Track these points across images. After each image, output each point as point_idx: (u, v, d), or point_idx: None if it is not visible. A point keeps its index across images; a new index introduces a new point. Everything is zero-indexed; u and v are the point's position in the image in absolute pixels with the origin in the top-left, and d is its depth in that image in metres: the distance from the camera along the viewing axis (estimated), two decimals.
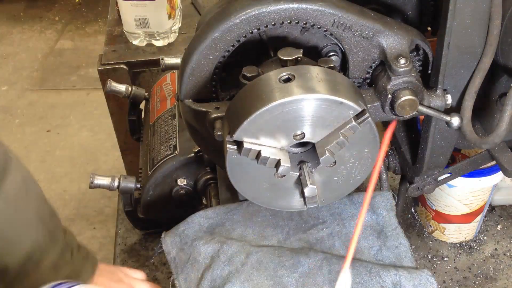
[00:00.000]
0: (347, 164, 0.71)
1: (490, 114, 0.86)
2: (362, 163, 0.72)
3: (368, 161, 0.72)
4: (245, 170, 0.69)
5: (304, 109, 0.64)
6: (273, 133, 0.65)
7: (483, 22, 0.72)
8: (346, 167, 0.71)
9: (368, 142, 0.69)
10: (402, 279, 0.79)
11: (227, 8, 0.73)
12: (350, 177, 0.73)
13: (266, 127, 0.64)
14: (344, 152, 0.69)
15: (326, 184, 0.73)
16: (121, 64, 1.46)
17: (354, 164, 0.71)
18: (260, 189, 0.72)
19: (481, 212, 1.10)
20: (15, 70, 3.24)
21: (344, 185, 0.75)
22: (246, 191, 0.73)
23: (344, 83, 0.67)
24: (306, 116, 0.64)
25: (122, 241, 1.15)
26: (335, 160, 0.69)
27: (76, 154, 2.64)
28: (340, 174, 0.72)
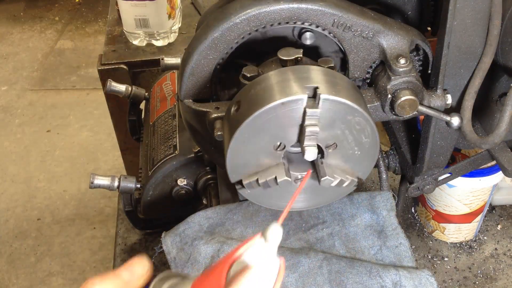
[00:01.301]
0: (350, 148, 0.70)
1: (490, 114, 0.86)
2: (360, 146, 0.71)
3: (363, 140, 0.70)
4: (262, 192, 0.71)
5: (271, 120, 0.64)
6: (260, 154, 0.66)
7: (483, 22, 0.72)
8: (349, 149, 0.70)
9: (344, 117, 0.65)
10: (402, 279, 0.79)
11: (227, 8, 0.73)
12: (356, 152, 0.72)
13: (248, 153, 0.66)
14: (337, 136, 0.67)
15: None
16: (121, 64, 1.46)
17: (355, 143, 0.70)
18: (277, 197, 0.73)
19: (481, 212, 1.10)
20: (15, 70, 3.25)
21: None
22: (273, 204, 0.75)
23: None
24: (277, 126, 0.64)
25: (122, 241, 1.15)
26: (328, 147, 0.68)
27: (76, 154, 2.65)
28: None
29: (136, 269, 0.49)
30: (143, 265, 0.50)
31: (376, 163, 0.92)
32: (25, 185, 2.48)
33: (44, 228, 2.31)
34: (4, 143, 2.74)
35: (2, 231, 2.31)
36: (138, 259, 0.50)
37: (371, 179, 1.24)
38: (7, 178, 2.54)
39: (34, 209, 2.39)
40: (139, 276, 0.49)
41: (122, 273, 0.49)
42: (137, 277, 0.49)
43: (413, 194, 0.94)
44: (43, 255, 2.21)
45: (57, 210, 2.38)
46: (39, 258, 2.20)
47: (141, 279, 0.49)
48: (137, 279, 0.49)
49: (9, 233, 2.30)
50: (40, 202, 2.41)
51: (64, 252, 2.21)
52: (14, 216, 2.37)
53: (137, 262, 0.50)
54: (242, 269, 0.44)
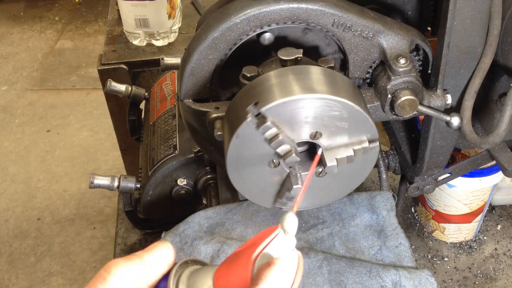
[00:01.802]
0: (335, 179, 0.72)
1: (490, 114, 0.86)
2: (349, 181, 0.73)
3: (353, 181, 0.74)
4: (245, 153, 0.68)
5: (330, 111, 0.63)
6: (293, 125, 0.65)
7: (483, 22, 0.72)
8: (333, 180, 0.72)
9: (365, 166, 0.71)
10: (402, 279, 0.79)
11: (227, 8, 0.73)
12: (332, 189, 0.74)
13: (289, 118, 0.64)
14: None
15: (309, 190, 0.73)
16: (121, 64, 1.46)
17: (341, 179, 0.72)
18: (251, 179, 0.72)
19: (481, 212, 1.10)
20: (15, 70, 3.24)
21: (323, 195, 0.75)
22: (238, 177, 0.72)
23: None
24: (328, 119, 0.64)
25: (122, 241, 1.15)
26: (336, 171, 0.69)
27: (76, 154, 2.65)
28: (324, 185, 0.72)
29: (159, 252, 0.49)
30: (166, 249, 0.49)
31: (376, 163, 0.92)
32: (25, 185, 2.48)
33: (44, 228, 2.31)
34: (4, 143, 2.74)
35: (2, 231, 2.31)
36: (161, 242, 0.50)
37: (371, 179, 1.24)
38: (7, 178, 2.54)
39: (34, 209, 2.39)
40: (162, 259, 0.48)
41: (145, 257, 0.48)
42: (160, 261, 0.48)
43: (413, 194, 0.94)
44: (43, 255, 2.21)
45: (57, 210, 2.38)
46: (39, 258, 2.20)
47: (164, 263, 0.48)
48: (160, 262, 0.48)
49: (9, 233, 2.30)
50: (40, 202, 2.41)
51: (64, 252, 2.21)
52: (14, 216, 2.36)
53: (159, 246, 0.49)
54: (267, 262, 0.44)
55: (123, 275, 0.46)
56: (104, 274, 0.45)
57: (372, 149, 0.67)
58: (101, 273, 0.46)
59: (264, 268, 0.44)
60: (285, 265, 0.44)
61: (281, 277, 0.44)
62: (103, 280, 0.45)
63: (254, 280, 0.43)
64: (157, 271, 0.48)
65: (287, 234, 0.46)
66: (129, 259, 0.47)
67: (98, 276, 0.46)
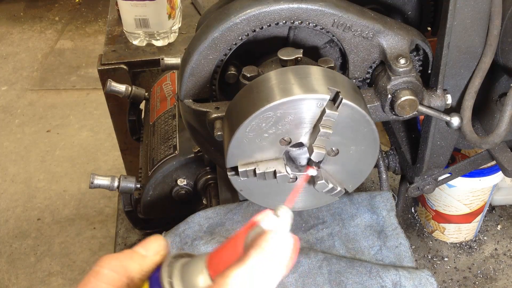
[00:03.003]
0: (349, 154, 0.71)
1: (490, 114, 0.86)
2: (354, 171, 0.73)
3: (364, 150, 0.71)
4: (254, 185, 0.71)
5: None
6: (264, 147, 0.66)
7: (483, 22, 0.72)
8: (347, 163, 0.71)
9: (358, 127, 0.67)
10: (402, 279, 0.79)
11: (227, 8, 0.73)
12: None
13: (253, 142, 0.65)
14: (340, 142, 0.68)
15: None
16: (121, 64, 1.46)
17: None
18: (268, 194, 0.73)
19: (481, 212, 1.10)
20: (15, 70, 3.24)
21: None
22: (261, 201, 0.75)
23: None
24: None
25: (122, 241, 1.15)
26: (329, 152, 0.68)
27: (76, 154, 2.65)
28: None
29: (152, 245, 0.49)
30: (158, 242, 0.50)
31: (376, 163, 0.92)
32: (25, 185, 2.48)
33: (44, 228, 2.31)
34: (4, 143, 2.74)
35: (2, 231, 2.31)
36: (153, 237, 0.50)
37: (371, 179, 1.24)
38: (7, 178, 2.54)
39: (34, 209, 2.39)
40: (155, 252, 0.49)
41: (138, 249, 0.49)
42: (153, 253, 0.49)
43: (413, 194, 0.94)
44: (43, 255, 2.21)
45: (57, 210, 2.38)
46: (39, 258, 2.20)
47: (157, 255, 0.49)
48: (153, 254, 0.49)
49: (9, 233, 2.30)
50: (40, 202, 2.41)
51: (64, 252, 2.21)
52: (14, 216, 2.37)
53: (152, 239, 0.50)
54: (260, 232, 0.44)
55: (116, 267, 0.46)
56: (97, 268, 0.46)
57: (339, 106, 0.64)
58: (94, 268, 0.46)
59: (257, 237, 0.43)
60: (278, 237, 0.43)
61: (274, 247, 0.43)
62: (96, 274, 0.46)
63: (247, 249, 0.43)
64: (150, 262, 0.49)
65: (278, 218, 0.45)
66: (121, 253, 0.48)
67: (92, 271, 0.46)
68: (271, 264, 0.42)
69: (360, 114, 0.65)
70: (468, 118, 0.76)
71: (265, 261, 0.42)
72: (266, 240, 0.43)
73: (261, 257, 0.42)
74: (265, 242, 0.43)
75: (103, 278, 0.46)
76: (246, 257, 0.42)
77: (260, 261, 0.42)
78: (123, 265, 0.47)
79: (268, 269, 0.42)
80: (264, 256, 0.42)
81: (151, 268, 0.48)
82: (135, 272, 0.47)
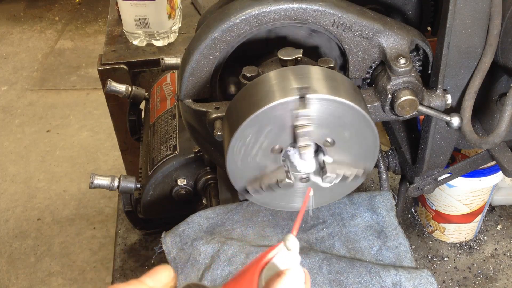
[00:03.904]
0: None
1: (490, 114, 0.86)
2: None
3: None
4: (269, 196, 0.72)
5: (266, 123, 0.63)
6: (260, 161, 0.67)
7: (483, 22, 0.72)
8: None
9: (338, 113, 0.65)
10: (402, 279, 0.79)
11: (227, 8, 0.73)
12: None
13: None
14: None
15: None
16: (121, 64, 1.46)
17: None
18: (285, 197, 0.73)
19: (481, 212, 1.10)
20: (15, 70, 3.25)
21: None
22: (281, 206, 0.75)
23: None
24: (273, 129, 0.64)
25: (122, 241, 1.15)
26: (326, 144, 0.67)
27: (76, 154, 2.65)
28: None
29: (160, 276, 0.48)
30: (167, 273, 0.48)
31: (376, 163, 0.92)
32: (25, 185, 2.48)
33: (44, 228, 2.31)
34: (4, 143, 2.74)
35: (2, 231, 2.31)
36: (162, 266, 0.49)
37: (371, 179, 1.24)
38: (7, 178, 2.54)
39: (34, 209, 2.39)
40: (163, 284, 0.48)
41: (146, 280, 0.47)
42: (161, 285, 0.48)
43: (413, 194, 0.94)
44: (43, 255, 2.21)
45: (57, 210, 2.38)
46: (39, 258, 2.20)
47: (166, 287, 0.48)
48: (161, 287, 0.48)
49: (9, 233, 2.30)
50: (40, 202, 2.41)
51: (64, 252, 2.21)
52: (14, 216, 2.37)
53: (161, 269, 0.49)
54: (276, 273, 0.44)
55: None
56: None
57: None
58: None
59: (274, 278, 0.44)
60: (293, 276, 0.44)
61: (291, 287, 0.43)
62: None
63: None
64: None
65: (290, 251, 0.46)
66: (129, 283, 0.47)
67: None
68: None
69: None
70: (468, 118, 0.76)
71: None
72: (283, 282, 0.43)
73: None
74: (282, 285, 0.43)
75: None
76: None
77: None
78: None
79: None
80: None
81: None
82: None
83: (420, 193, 0.94)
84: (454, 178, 0.95)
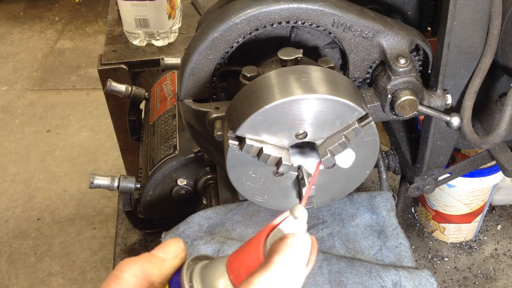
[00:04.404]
0: None
1: (490, 114, 0.86)
2: (357, 167, 0.72)
3: (363, 166, 0.72)
4: (245, 167, 0.69)
5: (307, 109, 0.63)
6: (276, 132, 0.65)
7: (483, 22, 0.72)
8: (341, 170, 0.71)
9: (367, 146, 0.69)
10: (402, 279, 0.79)
11: (227, 8, 0.73)
12: (346, 179, 0.73)
13: (269, 126, 0.64)
14: None
15: (321, 186, 0.73)
16: (121, 64, 1.46)
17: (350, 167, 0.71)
18: (258, 188, 0.72)
19: (481, 212, 1.10)
20: (15, 70, 3.24)
21: (338, 189, 0.75)
22: (244, 189, 0.73)
23: (345, 84, 0.67)
24: (309, 116, 0.64)
25: (122, 241, 1.15)
26: (334, 163, 0.68)
27: (76, 154, 2.65)
28: (335, 177, 0.72)
29: (170, 249, 0.49)
30: (177, 245, 0.49)
31: (376, 163, 0.92)
32: (25, 185, 2.48)
33: (44, 228, 2.31)
34: (4, 143, 2.74)
35: (2, 231, 2.31)
36: (172, 239, 0.50)
37: (371, 179, 1.24)
38: (7, 178, 2.54)
39: (34, 209, 2.39)
40: (174, 255, 0.49)
41: (157, 253, 0.48)
42: (172, 256, 0.48)
43: (413, 194, 0.94)
44: (43, 255, 2.21)
45: (57, 210, 2.38)
46: (39, 258, 2.20)
47: (176, 259, 0.49)
48: (172, 258, 0.48)
49: (9, 233, 2.30)
50: (40, 202, 2.41)
51: (64, 252, 2.21)
52: (14, 216, 2.37)
53: (171, 242, 0.49)
54: (281, 237, 0.43)
55: (136, 271, 0.46)
56: (117, 273, 0.46)
57: (365, 126, 0.65)
58: (113, 273, 0.46)
59: (278, 242, 0.43)
60: (299, 240, 0.43)
61: (296, 251, 0.43)
62: (116, 279, 0.46)
63: (269, 254, 0.43)
64: (170, 266, 0.48)
65: (296, 220, 0.45)
66: (141, 257, 0.48)
67: (111, 276, 0.46)
68: (294, 269, 0.42)
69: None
70: (468, 118, 0.76)
71: (288, 266, 0.42)
72: (288, 244, 0.43)
73: (284, 263, 0.42)
74: (287, 247, 0.42)
75: (123, 282, 0.45)
76: (269, 263, 0.42)
77: (283, 267, 0.42)
78: (143, 269, 0.46)
79: (292, 273, 0.42)
80: (287, 261, 0.42)
81: (171, 272, 0.48)
82: (155, 277, 0.47)
83: (420, 193, 0.94)
84: (454, 178, 0.95)
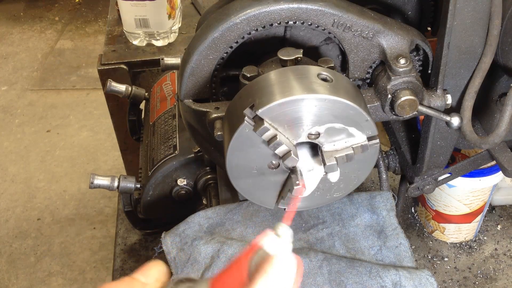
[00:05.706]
0: None
1: (490, 114, 0.86)
2: (346, 183, 0.73)
3: (352, 183, 0.73)
4: (245, 152, 0.67)
5: (329, 111, 0.63)
6: (292, 126, 0.64)
7: (483, 22, 0.72)
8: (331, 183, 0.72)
9: (365, 165, 0.71)
10: (402, 279, 0.79)
11: (227, 8, 0.73)
12: (330, 191, 0.74)
13: (288, 118, 0.63)
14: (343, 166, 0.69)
15: None
16: (121, 64, 1.46)
17: (339, 181, 0.72)
18: (249, 176, 0.71)
19: (481, 212, 1.10)
20: (15, 70, 3.25)
21: (321, 198, 0.75)
22: (238, 175, 0.71)
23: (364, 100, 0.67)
24: (328, 119, 0.64)
25: (122, 241, 1.15)
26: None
27: (76, 154, 2.65)
28: (325, 185, 0.72)
29: (152, 272, 0.48)
30: (159, 268, 0.49)
31: (376, 163, 0.92)
32: (25, 185, 2.48)
33: (44, 228, 2.31)
34: (4, 143, 2.74)
35: (2, 231, 2.31)
36: (153, 263, 0.49)
37: (371, 179, 1.24)
38: (7, 178, 2.54)
39: (34, 209, 2.39)
40: (155, 279, 0.48)
41: (138, 276, 0.48)
42: (153, 280, 0.48)
43: (413, 194, 0.94)
44: (43, 255, 2.21)
45: (57, 210, 2.38)
46: (39, 258, 2.20)
47: (158, 282, 0.48)
48: (154, 281, 0.48)
49: (9, 233, 2.30)
50: (40, 202, 2.41)
51: (64, 252, 2.21)
52: (14, 216, 2.37)
53: (152, 265, 0.49)
54: (265, 258, 0.43)
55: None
56: None
57: (372, 146, 0.67)
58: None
59: (262, 263, 0.43)
60: (283, 261, 0.43)
61: (280, 272, 0.42)
62: None
63: (253, 276, 0.43)
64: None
65: (280, 238, 0.45)
66: (122, 281, 0.47)
67: None
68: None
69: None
70: (468, 118, 0.76)
71: (271, 287, 0.42)
72: (271, 265, 0.43)
73: (267, 284, 0.42)
74: (270, 268, 0.42)
75: None
76: (251, 284, 0.42)
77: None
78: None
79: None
80: (270, 283, 0.42)
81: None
82: None
83: (420, 193, 0.94)
84: (454, 178, 0.95)
